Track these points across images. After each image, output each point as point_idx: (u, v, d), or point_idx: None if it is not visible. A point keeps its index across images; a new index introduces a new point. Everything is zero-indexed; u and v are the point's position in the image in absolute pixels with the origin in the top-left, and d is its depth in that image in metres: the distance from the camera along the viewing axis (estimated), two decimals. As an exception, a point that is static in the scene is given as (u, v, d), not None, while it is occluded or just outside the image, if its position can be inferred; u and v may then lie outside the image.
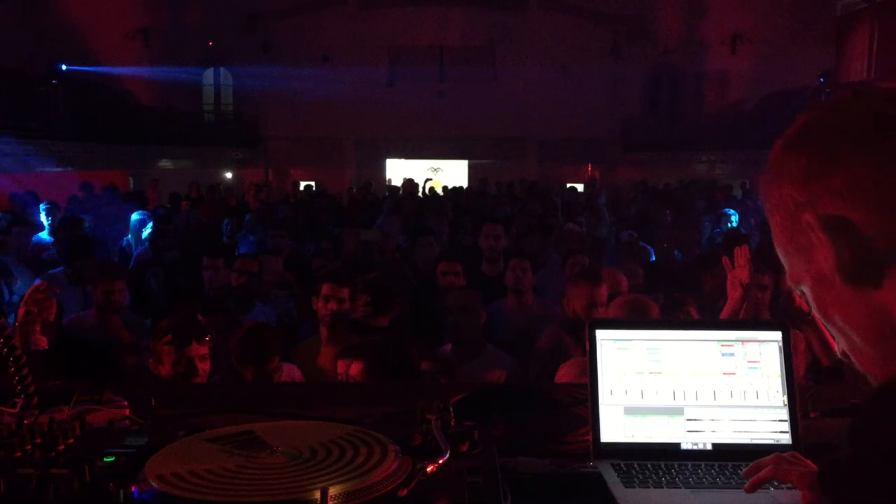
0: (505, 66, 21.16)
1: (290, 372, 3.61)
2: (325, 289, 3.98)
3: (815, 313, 0.96)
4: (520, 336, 4.60)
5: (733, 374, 1.67)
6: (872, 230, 0.85)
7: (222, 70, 22.10)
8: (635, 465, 1.56)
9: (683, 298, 4.14)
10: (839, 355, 0.95)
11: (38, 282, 3.23)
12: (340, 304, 3.95)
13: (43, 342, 2.63)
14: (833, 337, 0.95)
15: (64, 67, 17.69)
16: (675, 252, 7.24)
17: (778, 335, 1.68)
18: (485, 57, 21.60)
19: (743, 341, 1.68)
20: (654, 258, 6.97)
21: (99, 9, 18.21)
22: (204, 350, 3.00)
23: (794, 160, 0.92)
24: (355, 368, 2.80)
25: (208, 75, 22.17)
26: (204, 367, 2.99)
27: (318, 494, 1.16)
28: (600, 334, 1.69)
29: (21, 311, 2.63)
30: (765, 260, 3.82)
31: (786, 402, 1.64)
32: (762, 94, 19.73)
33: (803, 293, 0.96)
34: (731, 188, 15.66)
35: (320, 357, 3.88)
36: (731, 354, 1.67)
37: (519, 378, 3.86)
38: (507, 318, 4.84)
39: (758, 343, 1.67)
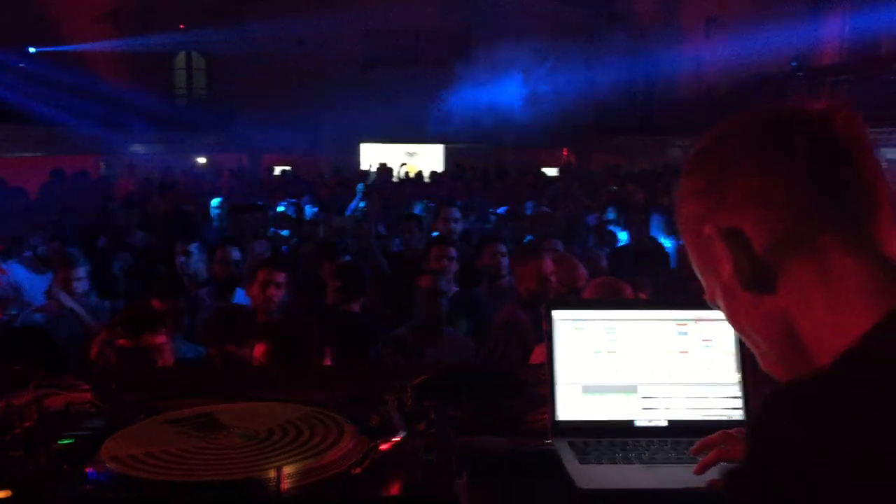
0: (481, 49, 21.11)
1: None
2: (262, 275, 4.05)
3: (732, 326, 1.00)
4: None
5: (687, 352, 1.70)
6: (762, 239, 0.89)
7: (194, 53, 21.86)
8: (591, 443, 1.59)
9: (642, 282, 4.21)
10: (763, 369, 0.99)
11: None
12: (278, 290, 4.01)
13: None
14: (750, 349, 0.99)
15: (32, 50, 17.39)
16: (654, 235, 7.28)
17: (731, 314, 1.71)
18: (460, 40, 21.55)
19: (697, 320, 1.71)
20: (627, 242, 7.01)
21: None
22: (160, 339, 2.98)
23: (694, 179, 0.97)
24: (258, 350, 2.80)
25: (180, 59, 21.92)
26: (161, 357, 2.96)
27: (272, 473, 1.18)
28: (557, 314, 1.71)
29: None
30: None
31: (739, 379, 1.68)
32: (736, 79, 19.84)
33: (721, 309, 1.00)
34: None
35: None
36: (686, 333, 1.71)
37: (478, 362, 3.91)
38: (482, 303, 4.87)
39: (712, 322, 1.70)
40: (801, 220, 0.88)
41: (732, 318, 0.98)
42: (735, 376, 1.68)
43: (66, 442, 1.36)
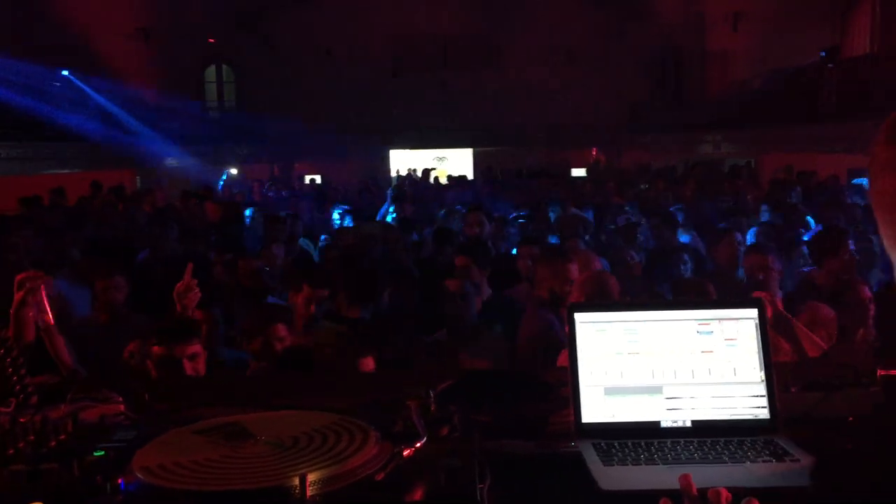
0: (507, 53, 21.11)
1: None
2: (306, 290, 4.12)
3: None
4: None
5: (711, 351, 1.69)
6: None
7: (224, 66, 22.14)
8: (615, 444, 1.59)
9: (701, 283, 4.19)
10: None
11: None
12: (320, 305, 4.07)
13: (48, 319, 2.73)
14: None
15: (65, 72, 17.76)
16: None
17: (754, 312, 1.71)
18: (487, 44, 21.56)
19: (720, 319, 1.71)
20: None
21: (99, 9, 18.25)
22: (193, 349, 3.03)
23: (893, 148, 0.87)
24: None
25: (210, 72, 22.22)
26: (195, 366, 3.02)
27: (297, 480, 1.21)
28: (579, 317, 1.72)
29: (16, 296, 2.72)
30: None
31: (763, 377, 1.67)
32: (765, 72, 19.61)
33: None
34: (736, 168, 15.63)
35: None
36: (709, 332, 1.70)
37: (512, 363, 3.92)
38: (519, 305, 4.88)
39: (734, 321, 1.70)
40: None
41: None
42: (759, 375, 1.67)
43: (99, 454, 1.40)
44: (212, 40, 20.97)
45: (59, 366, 3.09)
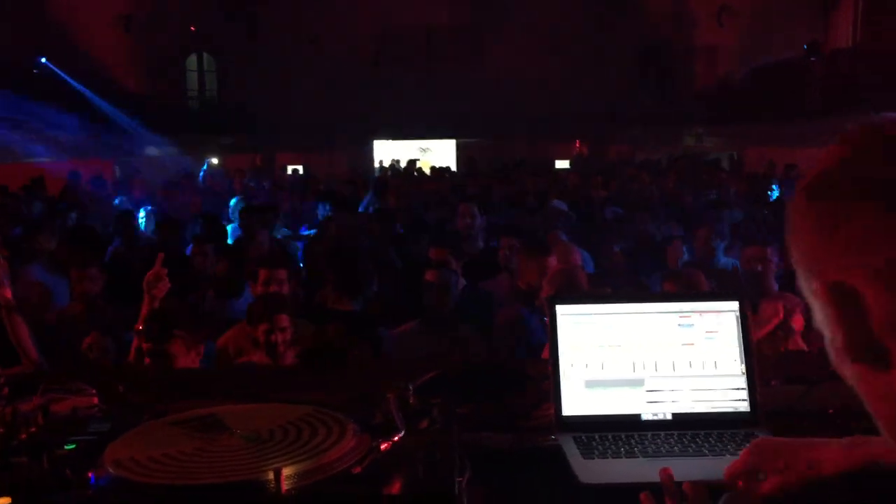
0: (492, 44, 21.06)
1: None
2: (262, 274, 4.07)
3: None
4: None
5: (692, 344, 1.69)
6: (878, 304, 0.73)
7: (206, 55, 21.95)
8: (596, 437, 1.58)
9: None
10: None
11: None
12: (281, 286, 4.03)
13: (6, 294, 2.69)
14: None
15: (44, 60, 17.54)
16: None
17: (735, 305, 1.70)
18: (472, 35, 21.49)
19: (701, 312, 1.70)
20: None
21: (79, -3, 18.05)
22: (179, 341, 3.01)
23: (802, 217, 0.79)
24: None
25: (191, 61, 22.03)
26: (180, 356, 2.99)
27: (271, 475, 1.18)
28: (560, 309, 1.71)
29: None
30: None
31: (744, 370, 1.67)
32: (750, 67, 19.69)
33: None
34: (718, 162, 15.70)
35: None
36: (690, 325, 1.69)
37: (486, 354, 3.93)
38: (499, 296, 4.88)
39: (715, 313, 1.69)
40: None
41: (844, 375, 0.82)
42: (740, 367, 1.67)
43: (70, 447, 1.37)
44: (193, 28, 20.76)
45: (21, 354, 3.04)
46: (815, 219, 0.77)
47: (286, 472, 1.18)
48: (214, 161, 19.68)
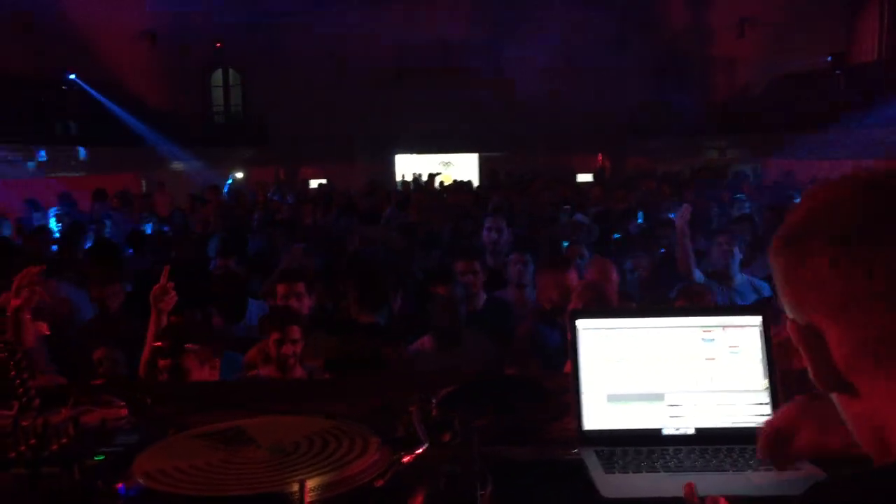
0: (513, 59, 21.13)
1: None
2: (281, 289, 4.09)
3: None
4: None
5: (714, 359, 1.69)
6: (838, 343, 0.82)
7: (231, 70, 22.23)
8: (617, 451, 1.58)
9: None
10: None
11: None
12: (300, 300, 4.04)
13: (42, 328, 2.72)
14: None
15: (73, 76, 17.82)
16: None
17: (758, 320, 1.70)
18: (491, 49, 21.58)
19: (724, 327, 1.70)
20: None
21: (105, 12, 18.31)
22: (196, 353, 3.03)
23: (778, 260, 0.88)
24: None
25: (217, 76, 22.31)
26: (198, 369, 3.01)
27: (296, 487, 1.20)
28: (581, 324, 1.71)
29: (12, 302, 2.71)
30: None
31: (767, 385, 1.66)
32: (771, 78, 19.59)
33: None
34: (741, 174, 15.61)
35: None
36: (712, 340, 1.69)
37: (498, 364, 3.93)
38: (508, 310, 4.89)
39: (738, 328, 1.69)
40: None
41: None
42: (763, 382, 1.67)
43: (100, 458, 1.39)
44: (219, 45, 21.04)
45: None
46: (783, 263, 0.87)
47: (310, 484, 1.20)
48: (239, 175, 19.88)
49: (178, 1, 19.63)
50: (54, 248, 7.21)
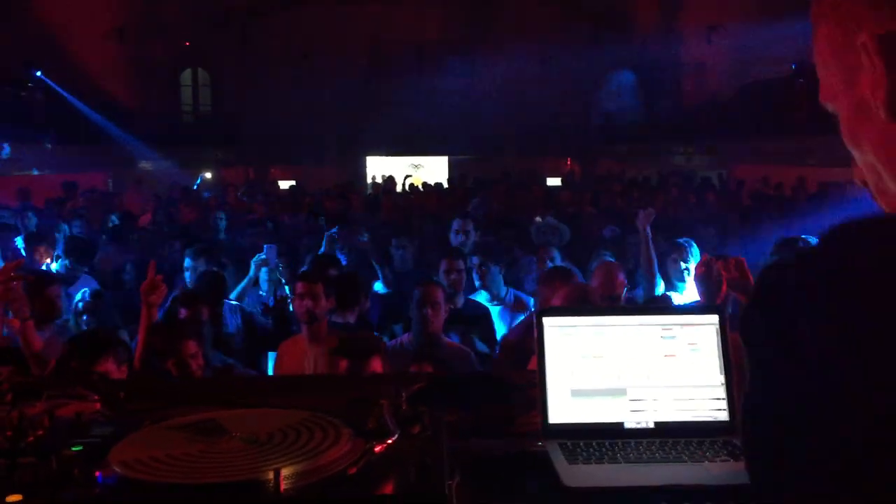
0: (484, 61, 21.25)
1: None
2: (300, 287, 4.08)
3: (843, 136, 0.84)
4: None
5: (674, 355, 1.75)
6: None
7: (200, 70, 22.08)
8: (581, 444, 1.64)
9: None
10: (856, 179, 0.86)
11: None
12: (316, 301, 4.03)
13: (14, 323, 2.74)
14: (857, 162, 0.84)
15: (39, 73, 17.58)
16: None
17: (715, 318, 1.77)
18: (463, 51, 21.68)
19: (683, 325, 1.77)
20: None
21: (72, 10, 18.09)
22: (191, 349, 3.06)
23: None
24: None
25: (186, 75, 22.15)
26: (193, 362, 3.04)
27: (271, 475, 1.24)
28: (547, 321, 1.78)
29: None
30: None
31: (723, 381, 1.73)
32: (739, 85, 19.89)
33: (832, 111, 0.85)
34: (708, 180, 15.85)
35: (302, 353, 3.96)
36: (672, 337, 1.76)
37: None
38: (487, 311, 4.95)
39: (696, 326, 1.76)
40: None
41: (850, 135, 0.82)
42: (720, 378, 1.74)
43: (76, 449, 1.42)
44: (188, 43, 20.89)
45: (31, 362, 3.09)
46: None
47: (285, 472, 1.24)
48: (208, 175, 19.74)
49: (146, -1, 19.50)
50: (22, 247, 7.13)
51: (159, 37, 19.98)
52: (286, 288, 5.48)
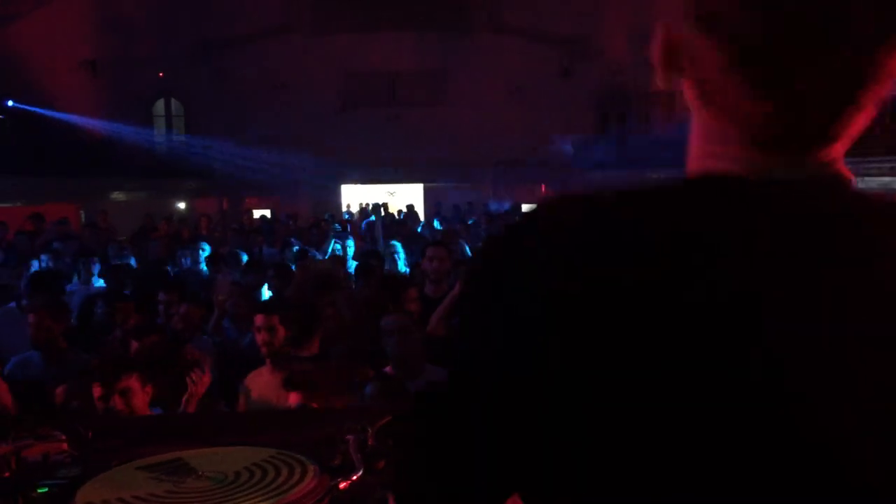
0: (457, 89, 21.45)
1: None
2: (257, 319, 4.09)
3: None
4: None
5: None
6: None
7: (173, 100, 22.06)
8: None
9: None
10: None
11: None
12: (273, 333, 4.03)
13: None
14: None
15: (10, 103, 17.50)
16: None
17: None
18: (437, 80, 21.88)
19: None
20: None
21: (45, 40, 18.05)
22: (132, 384, 3.02)
23: None
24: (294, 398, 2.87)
25: (159, 106, 22.12)
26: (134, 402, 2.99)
27: (237, 514, 1.26)
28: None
29: None
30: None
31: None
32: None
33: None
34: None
35: (266, 384, 3.95)
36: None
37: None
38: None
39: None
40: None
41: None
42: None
43: (42, 490, 1.43)
44: (161, 74, 20.89)
45: None
46: None
47: (250, 511, 1.26)
48: (181, 206, 19.66)
49: (119, 30, 19.48)
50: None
51: (133, 67, 19.96)
52: None
